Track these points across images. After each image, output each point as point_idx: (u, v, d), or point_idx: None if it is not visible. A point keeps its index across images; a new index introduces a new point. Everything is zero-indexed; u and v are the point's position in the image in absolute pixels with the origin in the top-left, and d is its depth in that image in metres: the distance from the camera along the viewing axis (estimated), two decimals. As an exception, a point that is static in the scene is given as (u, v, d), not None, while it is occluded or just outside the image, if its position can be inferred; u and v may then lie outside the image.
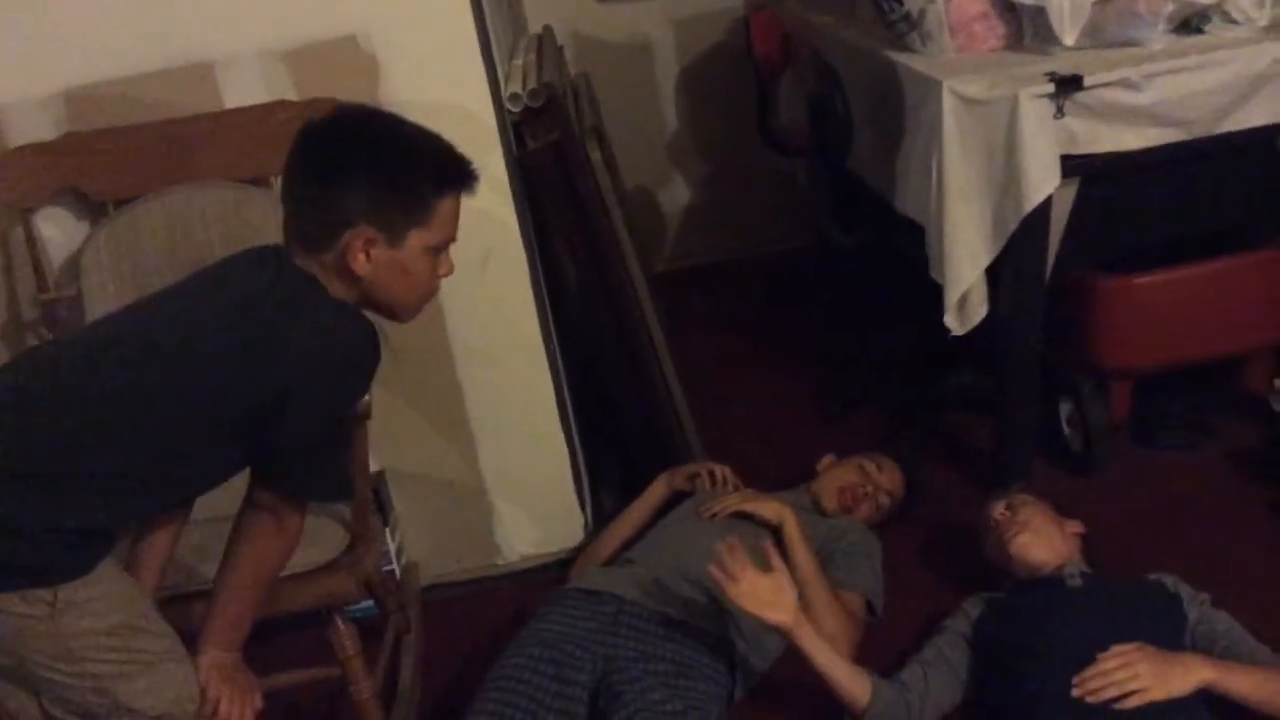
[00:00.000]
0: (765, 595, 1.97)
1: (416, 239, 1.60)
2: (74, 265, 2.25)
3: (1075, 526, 2.23)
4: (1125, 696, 1.78)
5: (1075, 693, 1.81)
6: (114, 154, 2.23)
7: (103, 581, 1.55)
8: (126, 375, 1.56)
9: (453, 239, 1.67)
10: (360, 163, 1.58)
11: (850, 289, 3.70)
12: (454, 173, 1.63)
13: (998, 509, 2.24)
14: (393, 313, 1.70)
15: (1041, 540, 2.13)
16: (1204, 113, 2.34)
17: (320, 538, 2.05)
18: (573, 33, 4.06)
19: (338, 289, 1.61)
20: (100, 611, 1.54)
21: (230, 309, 1.60)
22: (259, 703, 1.72)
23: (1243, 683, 1.84)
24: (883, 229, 2.85)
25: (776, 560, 2.02)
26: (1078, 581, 2.04)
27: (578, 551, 2.64)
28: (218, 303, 1.62)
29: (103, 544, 1.57)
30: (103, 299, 2.17)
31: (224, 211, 2.18)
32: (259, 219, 2.14)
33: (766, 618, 1.97)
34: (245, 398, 1.55)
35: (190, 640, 1.70)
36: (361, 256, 1.58)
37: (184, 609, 1.81)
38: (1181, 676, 1.81)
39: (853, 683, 1.97)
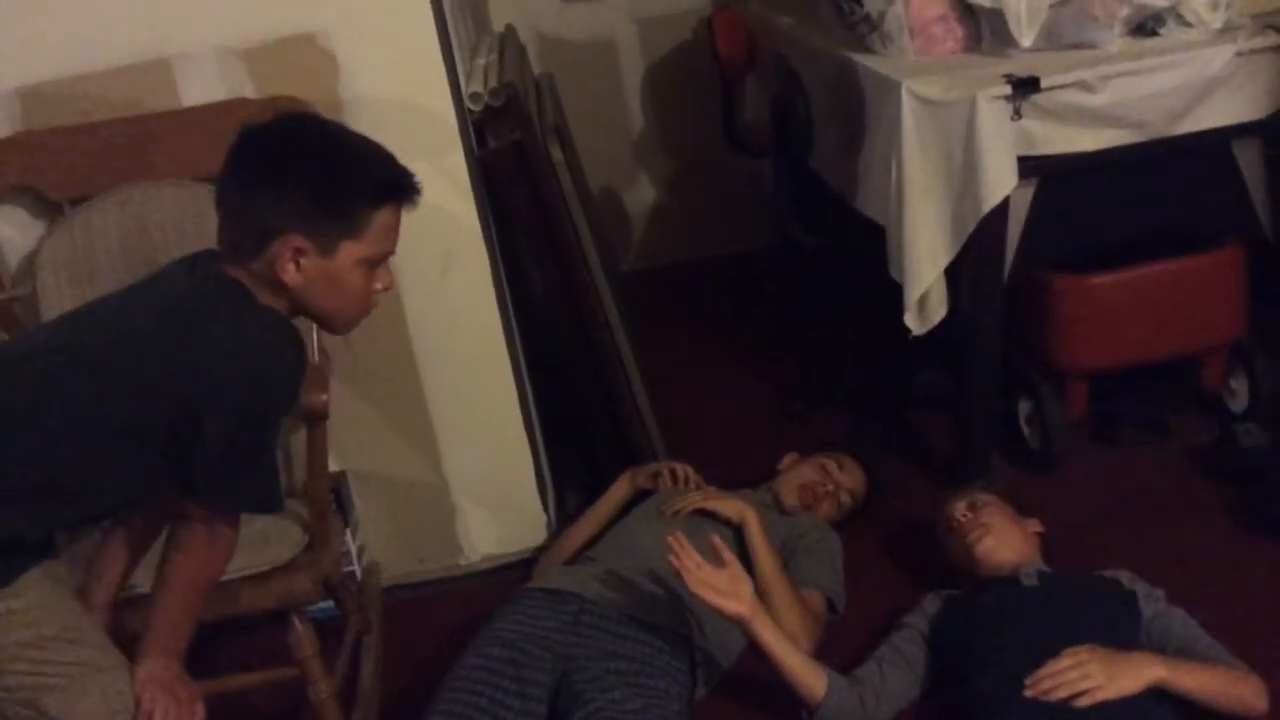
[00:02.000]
0: (722, 586, 1.98)
1: (349, 251, 1.57)
2: (30, 264, 2.23)
3: (1034, 526, 2.25)
4: (1077, 696, 1.80)
5: (1027, 693, 1.83)
6: (69, 152, 2.21)
7: (26, 593, 1.52)
8: (44, 385, 1.53)
9: (390, 252, 1.64)
10: (293, 170, 1.55)
11: (813, 288, 3.72)
12: (392, 185, 1.60)
13: (959, 509, 2.25)
14: (327, 324, 1.69)
15: (1004, 542, 2.15)
16: (1159, 114, 2.37)
17: (279, 538, 2.04)
18: (537, 32, 4.06)
19: (267, 298, 1.58)
20: (23, 624, 1.52)
21: (151, 316, 1.57)
22: (201, 713, 1.68)
23: (1195, 680, 1.87)
24: (844, 229, 2.87)
25: (728, 554, 2.03)
26: (1034, 581, 2.06)
27: (541, 551, 2.64)
28: (142, 310, 1.59)
29: (23, 557, 1.54)
30: (58, 298, 2.15)
31: (181, 211, 2.16)
32: (216, 219, 2.13)
33: (724, 608, 1.97)
34: (163, 407, 1.53)
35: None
36: (291, 266, 1.55)
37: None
38: (1133, 675, 1.83)
39: (808, 676, 1.98)
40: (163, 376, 1.53)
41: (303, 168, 1.56)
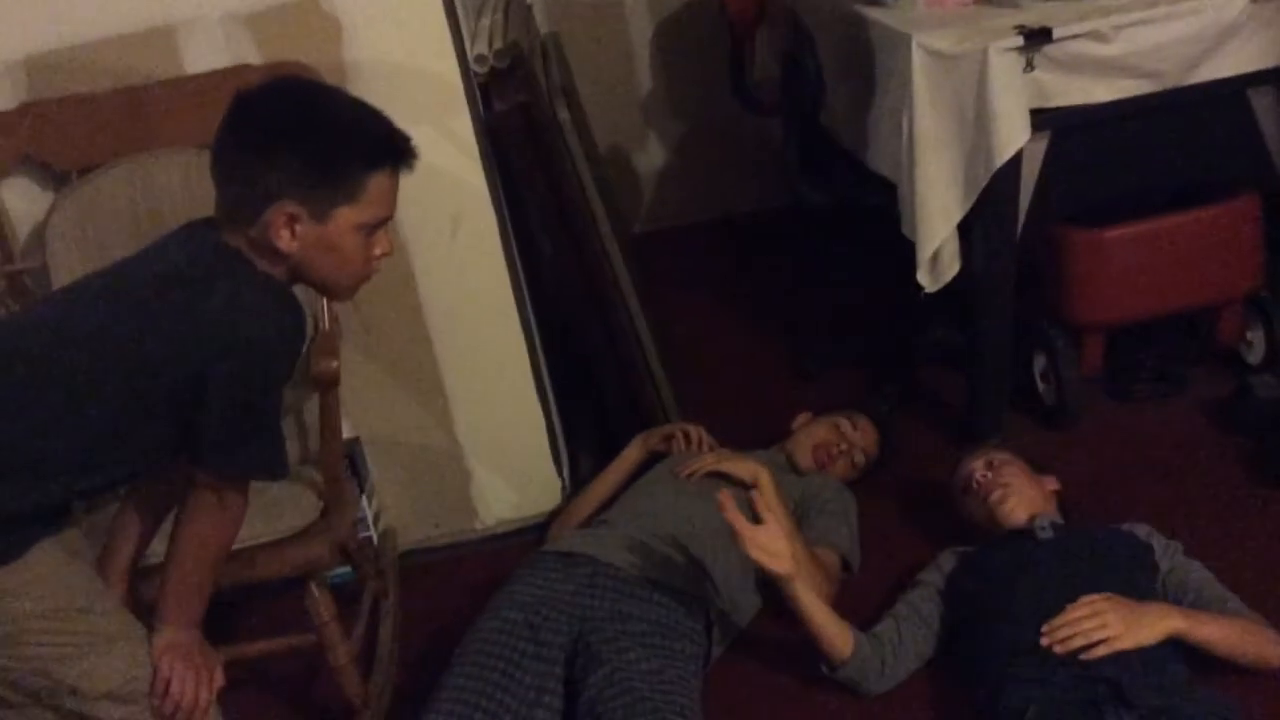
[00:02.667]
0: (771, 546, 1.98)
1: (345, 216, 1.55)
2: (39, 236, 2.23)
3: (1052, 484, 2.24)
4: (1093, 646, 1.80)
5: (1043, 642, 1.83)
6: (75, 122, 2.21)
7: (38, 565, 1.53)
8: (45, 361, 1.53)
9: (388, 217, 1.62)
10: (287, 135, 1.53)
11: (825, 247, 3.70)
12: (388, 149, 1.58)
13: (978, 469, 2.23)
14: (326, 291, 1.68)
15: (1024, 501, 2.13)
16: (1174, 64, 2.34)
17: (294, 505, 2.06)
18: (543, -9, 4.02)
19: (265, 265, 1.57)
20: (37, 595, 1.52)
21: (149, 287, 1.56)
22: (220, 680, 1.69)
23: (1211, 631, 1.86)
24: (856, 186, 2.84)
25: (768, 512, 2.03)
26: (1049, 534, 2.05)
27: (555, 515, 2.64)
28: (139, 281, 1.58)
29: (35, 528, 1.54)
30: (68, 269, 2.15)
31: (188, 179, 2.15)
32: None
33: (771, 568, 1.98)
34: (165, 376, 1.52)
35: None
36: (285, 233, 1.54)
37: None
38: (1150, 626, 1.82)
39: (838, 636, 1.99)
40: (163, 347, 1.52)
41: (296, 133, 1.54)
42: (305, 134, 1.54)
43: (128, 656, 1.60)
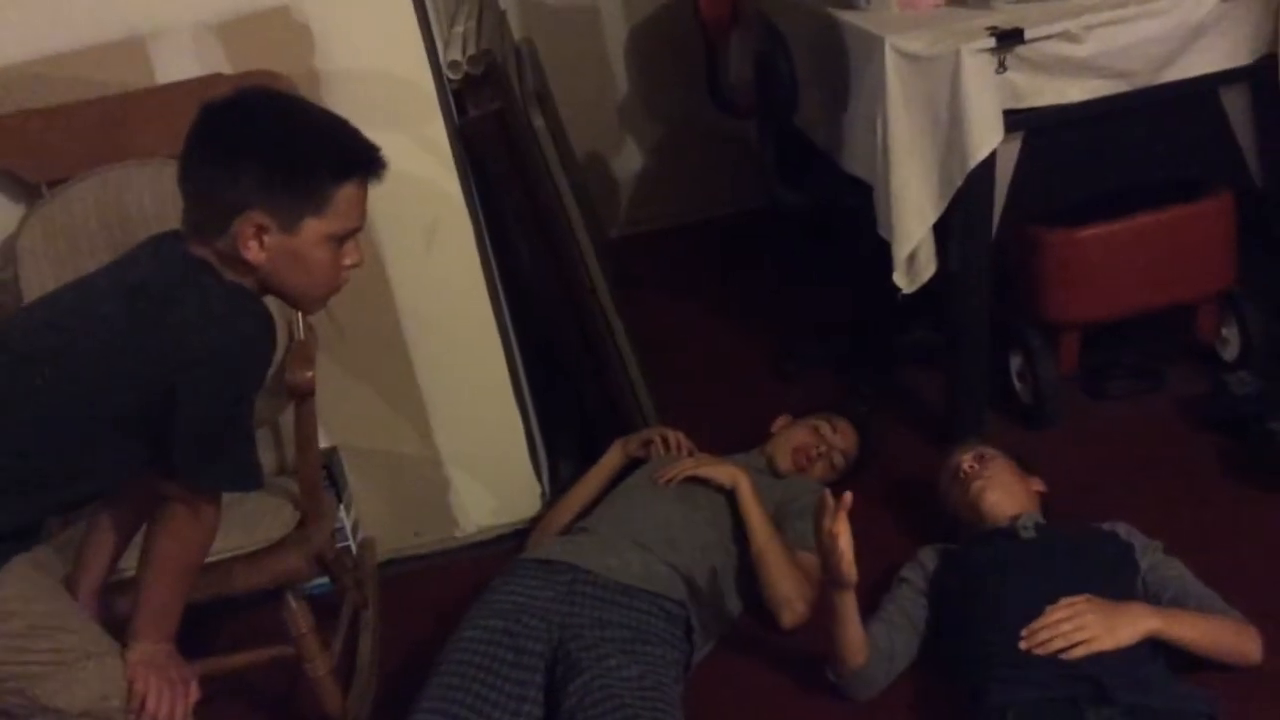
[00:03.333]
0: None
1: (313, 227, 1.54)
2: (10, 249, 2.21)
3: (1038, 485, 2.24)
4: (1073, 647, 1.80)
5: (1023, 645, 1.83)
6: (45, 134, 2.19)
7: (9, 584, 1.52)
8: (12, 376, 1.51)
9: (357, 228, 1.60)
10: (254, 147, 1.52)
11: (802, 249, 3.70)
12: (355, 160, 1.57)
13: (966, 460, 2.24)
14: (296, 302, 1.66)
15: (1009, 496, 2.14)
16: (1145, 63, 2.35)
17: (271, 516, 2.04)
18: (518, -3, 4.02)
19: (233, 276, 1.56)
20: (8, 613, 1.51)
21: (117, 300, 1.55)
22: (195, 694, 1.68)
23: (1188, 630, 1.87)
24: (831, 188, 2.85)
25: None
26: (1031, 533, 2.06)
27: (535, 521, 2.64)
28: (107, 295, 1.57)
29: (6, 545, 1.53)
30: (40, 282, 2.13)
31: (160, 190, 2.13)
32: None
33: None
34: (136, 390, 1.52)
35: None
36: (254, 244, 1.52)
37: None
38: (1129, 626, 1.83)
39: (860, 645, 1.97)
40: (132, 360, 1.51)
41: (262, 143, 1.53)
42: (272, 145, 1.53)
43: (102, 673, 1.58)
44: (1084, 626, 1.82)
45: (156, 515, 1.64)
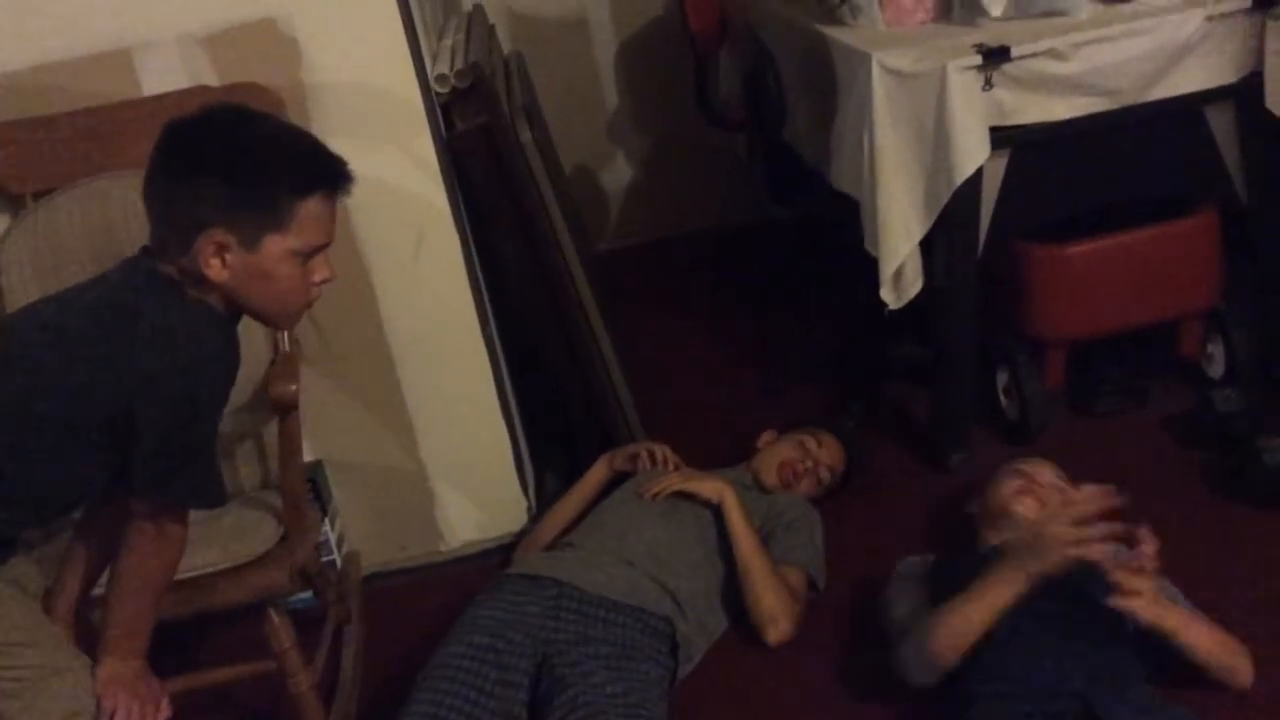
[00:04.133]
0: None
1: (275, 244, 1.52)
2: (-7, 260, 2.20)
3: None
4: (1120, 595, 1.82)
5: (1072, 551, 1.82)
6: (30, 145, 2.18)
7: None
8: None
9: (324, 244, 1.58)
10: (213, 163, 1.51)
11: (790, 263, 3.71)
12: (317, 174, 1.55)
13: (1048, 477, 2.19)
14: (265, 319, 1.65)
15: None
16: (1131, 81, 2.36)
17: (253, 531, 2.03)
18: (507, 10, 4.02)
19: (198, 294, 1.55)
20: None
21: (81, 316, 1.55)
22: (166, 711, 1.66)
23: (1199, 635, 1.88)
24: (819, 203, 2.85)
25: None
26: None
27: (521, 536, 2.63)
28: (77, 309, 1.57)
29: None
30: (24, 292, 2.12)
31: (145, 201, 2.13)
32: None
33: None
34: (98, 406, 1.51)
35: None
36: (215, 261, 1.51)
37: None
38: (1158, 612, 1.85)
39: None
40: (92, 376, 1.50)
41: (222, 160, 1.51)
42: (232, 162, 1.51)
43: (70, 690, 1.57)
44: (1142, 588, 1.83)
45: (124, 532, 1.62)
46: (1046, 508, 2.07)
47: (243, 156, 1.53)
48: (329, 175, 1.56)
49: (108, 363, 1.50)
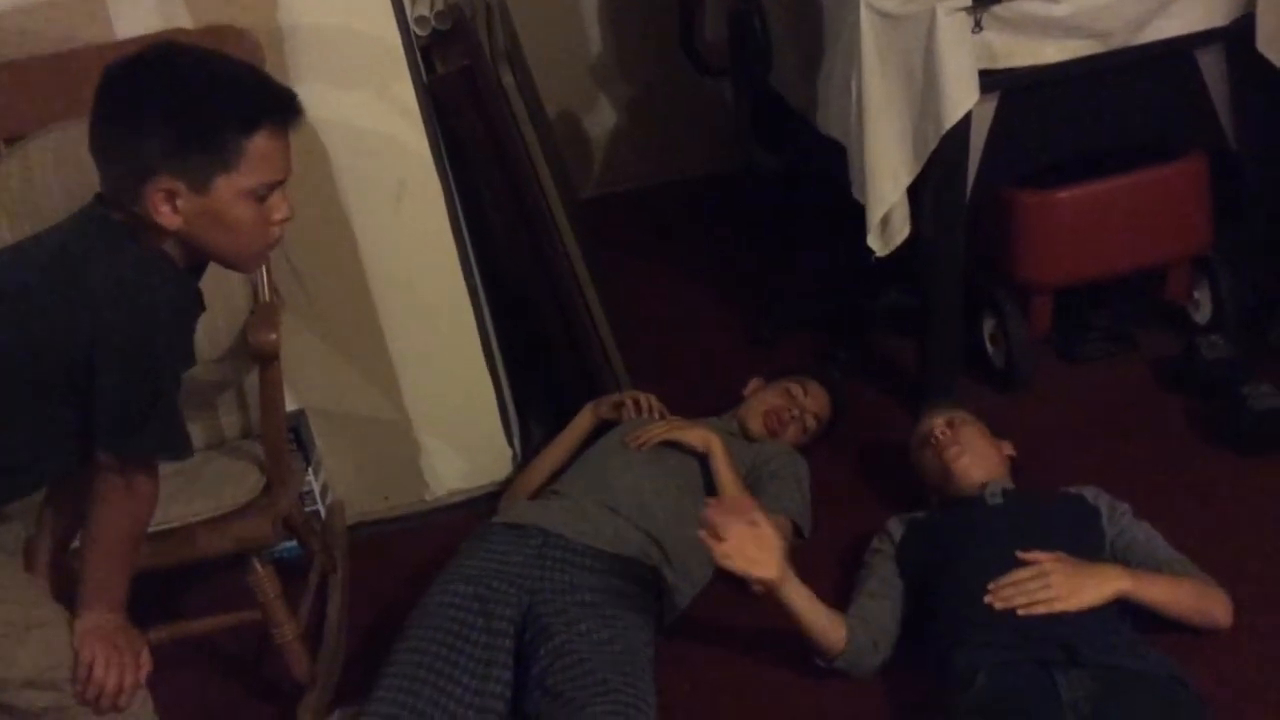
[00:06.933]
0: (750, 552, 1.88)
1: (225, 185, 1.47)
2: (-34, 207, 2.16)
3: (1008, 448, 2.24)
4: (1038, 606, 1.80)
5: (986, 599, 1.83)
6: (3, 90, 2.14)
7: None
8: None
9: (279, 180, 1.53)
10: (154, 106, 1.45)
11: (777, 211, 3.68)
12: (262, 108, 1.49)
13: (938, 425, 2.22)
14: (226, 263, 1.60)
15: (979, 462, 2.14)
16: (1121, 23, 2.33)
17: (235, 481, 2.02)
18: (489, -48, 3.94)
19: (153, 240, 1.50)
20: None
21: (35, 266, 1.51)
22: (146, 664, 1.64)
23: (1159, 592, 1.88)
24: (806, 149, 2.82)
25: (760, 515, 1.93)
26: (999, 500, 2.05)
27: (507, 485, 2.62)
28: (31, 260, 1.53)
29: None
30: (0, 241, 2.09)
31: (119, 147, 2.09)
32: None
33: (751, 574, 1.88)
34: (58, 358, 1.47)
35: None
36: (166, 208, 1.47)
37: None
38: (1095, 587, 1.83)
39: (831, 631, 1.94)
40: (51, 326, 1.47)
41: (162, 101, 1.46)
42: (173, 102, 1.46)
43: (45, 643, 1.55)
44: (1048, 585, 1.82)
45: (93, 488, 1.60)
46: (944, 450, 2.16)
47: (182, 96, 1.47)
48: (275, 107, 1.50)
49: (64, 314, 1.46)
